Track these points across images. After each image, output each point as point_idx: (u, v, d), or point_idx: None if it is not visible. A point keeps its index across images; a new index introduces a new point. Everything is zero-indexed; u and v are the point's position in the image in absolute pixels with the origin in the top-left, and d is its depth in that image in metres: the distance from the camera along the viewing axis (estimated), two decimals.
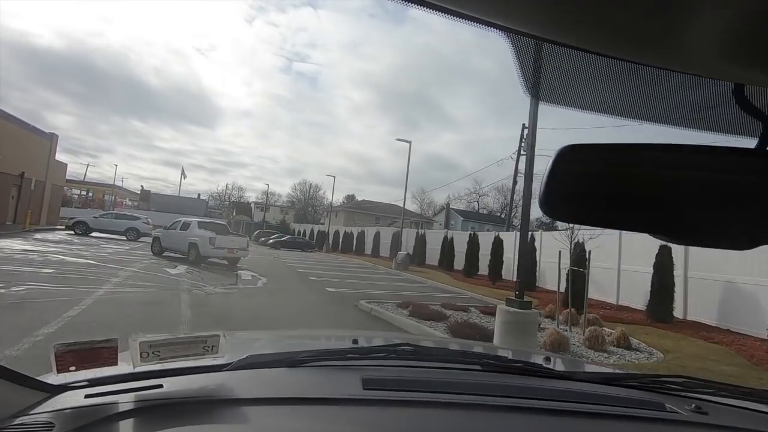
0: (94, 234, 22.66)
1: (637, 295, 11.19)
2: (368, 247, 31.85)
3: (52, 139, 26.42)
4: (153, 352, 0.82)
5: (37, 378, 0.85)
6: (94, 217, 23.42)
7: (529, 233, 16.25)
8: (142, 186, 58.71)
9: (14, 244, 14.39)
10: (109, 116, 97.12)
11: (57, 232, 22.52)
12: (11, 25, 79.85)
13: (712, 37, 0.36)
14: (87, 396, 0.81)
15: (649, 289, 9.81)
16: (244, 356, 1.02)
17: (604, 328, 6.92)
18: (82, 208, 46.17)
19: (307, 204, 67.90)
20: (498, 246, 16.96)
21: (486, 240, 19.41)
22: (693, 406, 1.00)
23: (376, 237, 30.20)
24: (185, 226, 15.87)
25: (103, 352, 0.82)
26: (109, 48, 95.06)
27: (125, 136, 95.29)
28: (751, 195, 0.43)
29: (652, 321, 9.39)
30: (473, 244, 19.02)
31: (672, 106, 0.52)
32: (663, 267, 9.46)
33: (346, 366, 1.08)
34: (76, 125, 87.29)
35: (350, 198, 64.52)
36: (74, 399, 0.81)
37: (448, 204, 58.66)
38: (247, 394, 0.87)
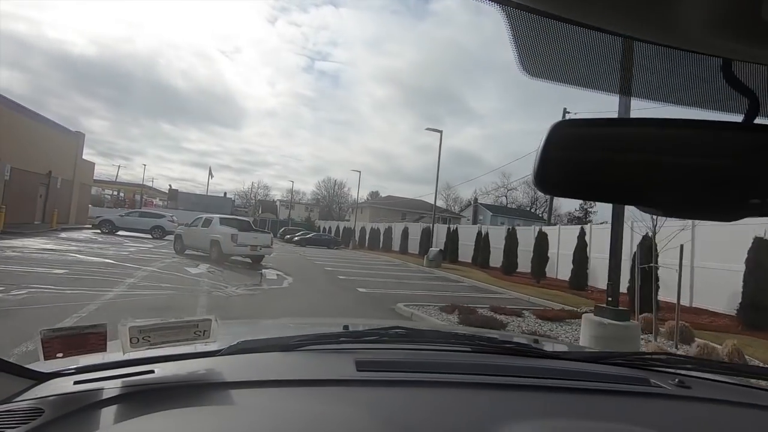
0: (120, 233, 22.44)
1: (714, 296, 9.67)
2: (396, 244, 30.73)
3: (78, 138, 26.40)
4: (143, 338, 0.80)
5: (25, 366, 0.82)
6: (120, 215, 23.20)
7: (579, 227, 14.79)
8: (170, 185, 59.35)
9: (35, 243, 13.99)
10: (139, 119, 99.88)
11: (84, 231, 22.39)
12: (48, 34, 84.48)
13: (701, 12, 0.38)
14: (76, 382, 0.79)
15: (741, 290, 8.27)
16: (236, 342, 1.00)
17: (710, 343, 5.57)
18: (114, 208, 47.17)
19: (332, 201, 67.35)
20: (542, 241, 15.51)
21: (525, 235, 18.00)
22: (676, 380, 1.03)
23: (404, 233, 29.01)
24: (207, 222, 15.12)
25: (91, 338, 0.79)
26: (139, 53, 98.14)
27: (155, 139, 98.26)
28: (738, 168, 0.45)
29: (745, 328, 7.90)
30: (512, 240, 17.63)
31: (661, 82, 0.52)
32: (760, 264, 7.92)
33: (339, 349, 1.08)
34: (109, 129, 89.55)
35: (374, 194, 63.65)
36: (63, 386, 0.79)
37: (475, 199, 57.03)
38: (239, 377, 0.85)
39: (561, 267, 16.23)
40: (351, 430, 0.65)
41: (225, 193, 67.50)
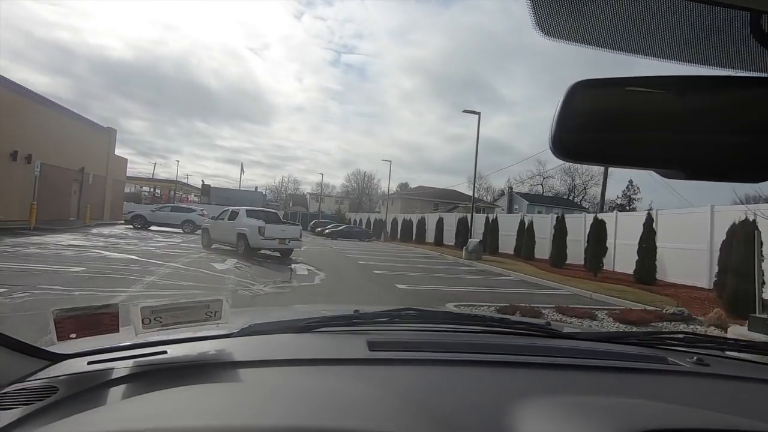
0: (153, 228, 22.29)
1: None
2: (430, 235, 29.46)
3: (110, 134, 26.48)
4: (155, 318, 0.80)
5: (40, 346, 0.83)
6: (152, 210, 23.05)
7: (646, 212, 13.09)
8: (202, 181, 60.50)
9: (63, 239, 13.66)
10: (175, 119, 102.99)
11: (117, 226, 22.37)
12: (90, 41, 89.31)
13: None
14: (90, 363, 0.80)
15: None
16: (248, 325, 1.01)
17: None
18: (150, 204, 48.09)
19: (362, 193, 66.54)
20: (599, 229, 13.85)
21: (574, 224, 16.39)
22: (695, 358, 1.01)
23: (439, 224, 27.66)
24: (233, 215, 14.34)
25: (104, 319, 0.80)
26: (172, 54, 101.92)
27: (190, 137, 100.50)
28: (765, 126, 0.43)
29: None
30: (561, 229, 16.06)
31: (684, 40, 0.50)
32: None
33: (351, 331, 1.08)
34: (147, 129, 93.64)
35: (404, 186, 62.45)
36: (77, 366, 0.80)
37: (510, 187, 54.89)
38: (252, 357, 0.85)
39: (619, 258, 14.61)
40: (365, 407, 0.63)
41: (256, 188, 68.15)
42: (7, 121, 16.31)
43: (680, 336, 1.17)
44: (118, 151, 26.69)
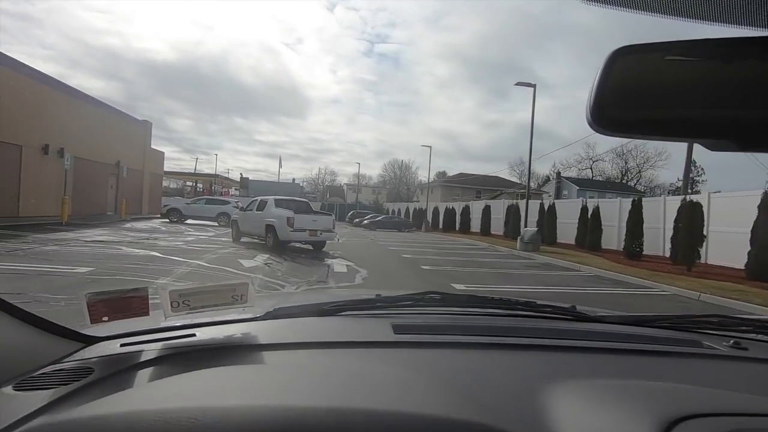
0: (189, 221, 21.72)
1: None
2: (475, 224, 27.47)
3: (145, 126, 26.20)
4: (183, 302, 0.82)
5: (75, 329, 0.85)
6: (186, 203, 22.49)
7: (762, 192, 10.65)
8: (241, 174, 60.71)
9: (89, 235, 12.95)
10: (216, 116, 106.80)
11: (153, 220, 21.99)
12: (135, 45, 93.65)
13: None
14: (122, 345, 0.82)
15: None
16: (273, 309, 1.04)
17: None
18: (192, 198, 48.81)
19: (399, 182, 64.84)
20: (693, 215, 11.50)
21: (648, 209, 14.04)
22: (731, 342, 0.98)
23: (486, 212, 25.59)
24: (261, 205, 13.15)
25: (134, 302, 0.81)
26: (212, 54, 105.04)
27: (230, 133, 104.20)
28: None
29: None
30: (636, 215, 13.78)
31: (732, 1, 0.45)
32: None
33: (375, 314, 1.08)
34: (191, 127, 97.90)
35: (442, 174, 60.20)
36: (110, 348, 0.83)
37: (558, 172, 51.50)
38: (278, 339, 0.87)
39: (715, 249, 12.24)
40: (392, 388, 0.62)
41: (294, 179, 68.17)
42: (39, 114, 15.90)
43: (714, 319, 1.13)
44: (164, 149, 26.47)
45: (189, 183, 55.77)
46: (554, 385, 0.66)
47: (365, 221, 34.26)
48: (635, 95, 0.43)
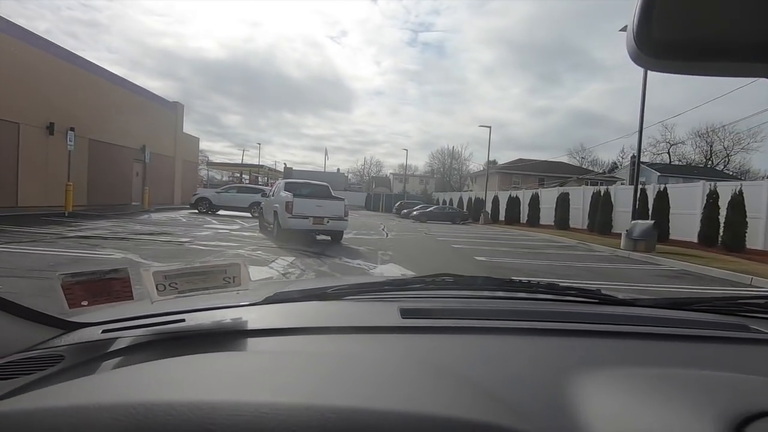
0: (221, 212, 19.38)
1: None
2: (546, 215, 23.27)
3: (176, 108, 24.11)
4: (169, 285, 0.74)
5: (54, 315, 0.78)
6: (216, 192, 20.09)
7: None
8: (284, 164, 59.09)
9: (80, 229, 10.47)
10: (265, 111, 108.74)
11: (181, 211, 19.80)
12: (189, 44, 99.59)
13: None
14: (104, 331, 0.77)
15: None
16: (272, 294, 0.96)
17: None
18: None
19: (450, 170, 60.58)
20: None
21: None
22: None
23: (562, 201, 21.31)
24: (277, 190, 10.89)
25: (115, 284, 0.74)
26: (259, 50, 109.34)
27: (279, 127, 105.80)
28: None
29: None
30: None
31: None
32: None
33: (382, 298, 1.00)
34: (242, 122, 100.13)
35: (492, 163, 55.34)
36: (89, 334, 0.77)
37: (633, 156, 45.25)
38: (276, 325, 0.79)
39: None
40: (396, 381, 0.54)
41: (338, 169, 66.06)
42: (42, 87, 13.71)
43: (761, 301, 1.01)
44: (217, 144, 24.41)
45: (236, 174, 55.38)
46: (581, 374, 0.57)
47: (414, 212, 30.91)
48: (695, 8, 0.32)
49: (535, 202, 24.19)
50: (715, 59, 0.34)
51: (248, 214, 19.12)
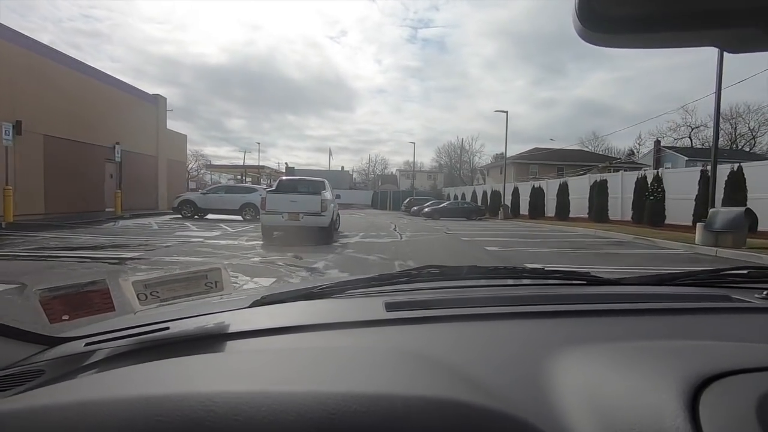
0: (209, 216, 16.94)
1: None
2: (577, 207, 20.57)
3: (157, 102, 21.63)
4: (150, 293, 0.73)
5: (35, 332, 0.78)
6: (202, 194, 17.61)
7: None
8: (286, 164, 56.82)
9: (9, 245, 7.99)
10: (269, 114, 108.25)
11: (163, 216, 17.34)
12: (191, 50, 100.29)
13: None
14: (87, 344, 0.75)
15: None
16: (259, 297, 0.96)
17: None
18: None
19: (461, 162, 57.69)
20: None
21: None
22: (765, 293, 0.91)
23: (599, 189, 18.52)
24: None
25: (94, 296, 0.72)
26: (260, 53, 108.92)
27: (283, 130, 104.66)
28: None
29: None
30: None
31: None
32: None
33: (367, 294, 1.01)
34: (246, 126, 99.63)
35: (499, 157, 52.51)
36: (73, 348, 0.75)
37: (657, 141, 42.47)
38: (261, 326, 0.79)
39: None
40: (382, 369, 0.55)
41: (342, 167, 63.66)
42: None
43: (744, 272, 1.05)
44: (221, 149, 21.99)
45: (238, 176, 53.38)
46: (561, 353, 0.58)
47: (426, 209, 28.29)
48: None
49: (563, 192, 21.45)
50: (662, 29, 0.32)
51: (239, 218, 16.66)
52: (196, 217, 16.90)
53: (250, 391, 0.42)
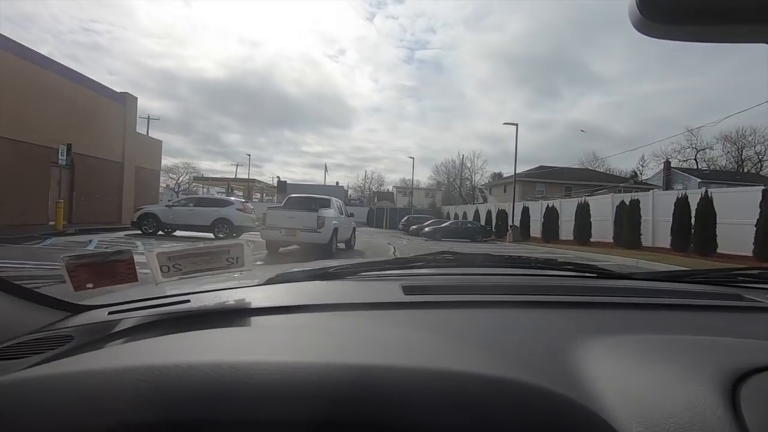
0: (177, 233, 14.34)
1: None
2: (599, 230, 18.17)
3: (126, 101, 19.07)
4: (174, 266, 0.75)
5: (60, 298, 0.79)
6: (167, 206, 14.98)
7: None
8: (278, 177, 54.41)
9: None
10: (265, 129, 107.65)
11: (116, 233, 14.64)
12: (190, 65, 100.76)
13: None
14: (111, 313, 0.78)
15: None
16: (275, 275, 0.97)
17: None
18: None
19: (461, 180, 55.35)
20: None
21: None
22: None
23: (630, 211, 16.09)
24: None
25: (120, 266, 0.74)
26: (258, 69, 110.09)
27: (279, 145, 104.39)
28: None
29: None
30: None
31: None
32: None
33: (384, 276, 1.01)
34: (242, 142, 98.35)
35: (497, 176, 50.51)
36: (97, 316, 0.78)
37: (667, 162, 40.57)
38: (278, 303, 0.79)
39: None
40: (404, 347, 0.54)
41: (337, 182, 61.38)
42: None
43: (755, 272, 1.06)
44: (217, 164, 19.43)
45: (221, 189, 50.96)
46: (584, 341, 0.58)
47: (426, 228, 25.89)
48: None
49: (583, 213, 19.05)
50: (720, 23, 0.32)
51: (210, 235, 14.06)
52: (160, 233, 14.28)
53: (280, 362, 0.42)
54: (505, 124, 29.18)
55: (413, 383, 0.41)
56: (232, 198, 17.98)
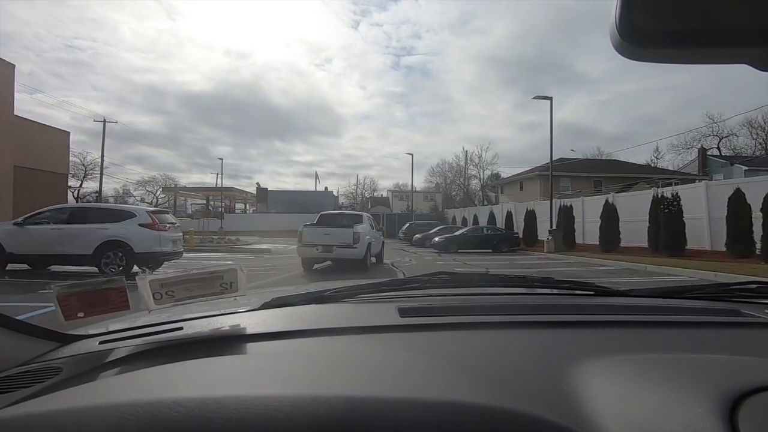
0: (42, 266, 8.57)
1: None
2: (699, 235, 12.56)
3: (8, 70, 13.03)
4: (166, 293, 0.74)
5: (50, 328, 0.79)
6: (16, 224, 8.87)
7: None
8: (257, 183, 48.99)
9: None
10: (255, 140, 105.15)
11: None
12: (176, 78, 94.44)
13: None
14: (101, 342, 0.76)
15: None
16: (270, 300, 0.97)
17: None
18: (198, 220, 36.81)
19: (466, 178, 49.56)
20: None
21: None
22: None
23: (739, 206, 10.44)
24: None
25: (111, 295, 0.74)
26: (245, 81, 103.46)
27: (269, 156, 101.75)
28: None
29: None
30: None
31: None
32: None
33: (380, 299, 1.01)
34: (232, 153, 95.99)
35: (495, 176, 45.04)
36: (87, 346, 0.77)
37: (702, 148, 35.45)
38: (274, 329, 0.79)
39: None
40: (399, 368, 0.55)
41: (326, 188, 55.62)
42: None
43: (752, 286, 1.03)
44: (207, 177, 13.72)
45: (200, 201, 45.15)
46: (582, 362, 0.58)
47: (436, 238, 20.05)
48: None
49: (656, 210, 13.36)
50: (700, 46, 0.33)
51: (94, 269, 8.27)
52: (6, 268, 8.44)
53: (266, 396, 0.42)
54: (534, 98, 23.07)
55: (403, 415, 0.40)
56: (137, 206, 12.08)
